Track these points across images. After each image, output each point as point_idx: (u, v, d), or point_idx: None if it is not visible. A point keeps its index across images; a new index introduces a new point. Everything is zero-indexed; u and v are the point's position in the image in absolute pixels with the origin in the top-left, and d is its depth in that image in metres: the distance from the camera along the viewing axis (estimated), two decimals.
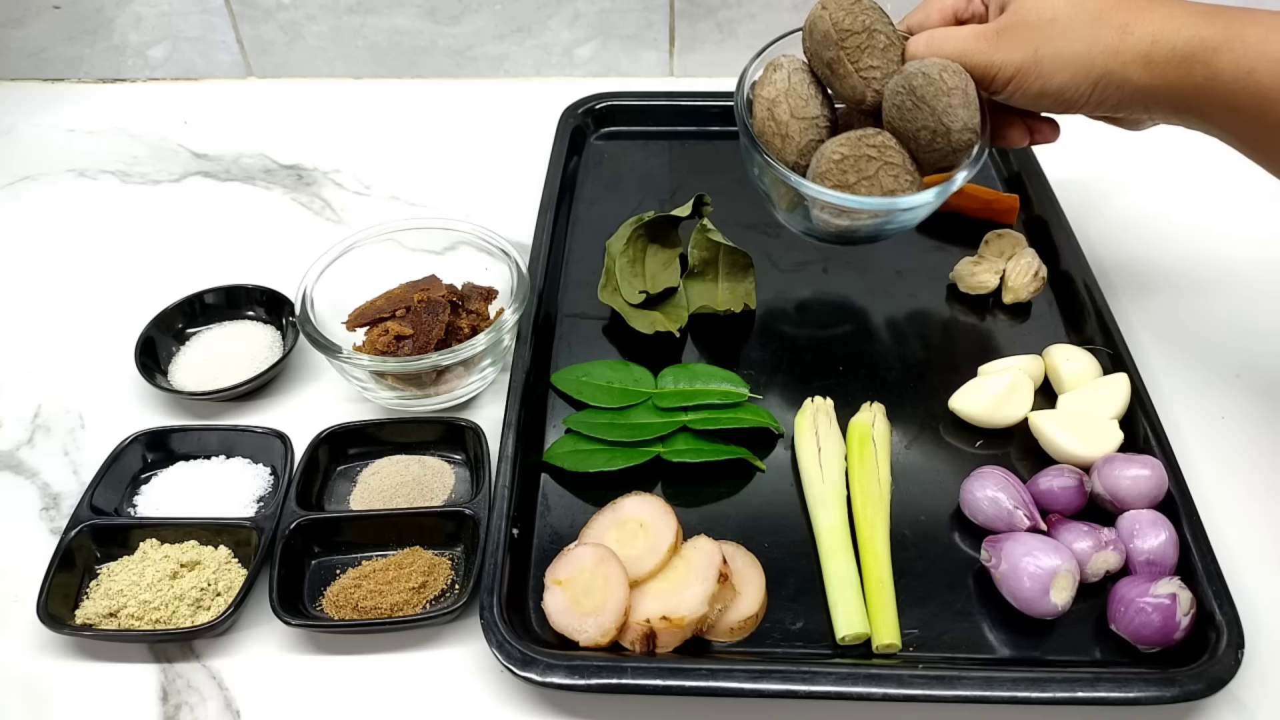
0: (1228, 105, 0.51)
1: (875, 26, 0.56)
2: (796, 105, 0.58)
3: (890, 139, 0.56)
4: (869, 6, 0.57)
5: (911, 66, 0.55)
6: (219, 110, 0.93)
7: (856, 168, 0.56)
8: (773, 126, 0.59)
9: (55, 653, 0.51)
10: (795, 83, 0.58)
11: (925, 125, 0.55)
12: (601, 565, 0.50)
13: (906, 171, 0.57)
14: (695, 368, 0.63)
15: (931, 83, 0.54)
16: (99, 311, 0.71)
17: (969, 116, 0.55)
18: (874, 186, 0.56)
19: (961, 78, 0.55)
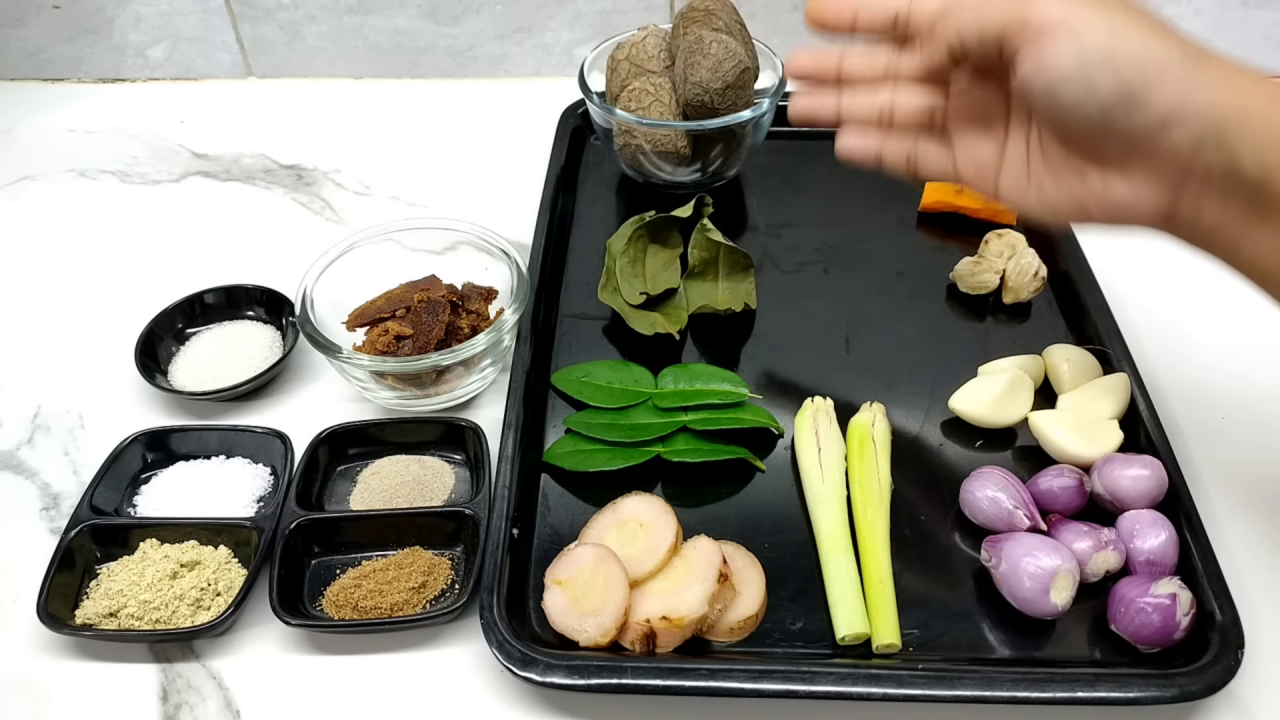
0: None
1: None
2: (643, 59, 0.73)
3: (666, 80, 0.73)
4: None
5: (706, 34, 0.70)
6: (219, 110, 0.93)
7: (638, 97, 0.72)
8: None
9: (55, 653, 0.51)
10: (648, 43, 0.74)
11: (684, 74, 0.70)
12: (601, 565, 0.50)
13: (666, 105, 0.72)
14: (695, 368, 0.63)
15: (700, 43, 0.69)
16: (99, 311, 0.71)
17: (708, 78, 0.68)
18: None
19: (728, 49, 0.68)
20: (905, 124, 0.52)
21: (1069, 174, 0.46)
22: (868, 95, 0.53)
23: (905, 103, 0.52)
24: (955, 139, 0.51)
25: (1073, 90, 0.42)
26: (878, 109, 0.52)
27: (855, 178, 0.80)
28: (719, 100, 0.70)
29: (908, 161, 0.53)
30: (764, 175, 0.81)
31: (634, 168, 0.76)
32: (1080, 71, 0.42)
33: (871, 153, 0.53)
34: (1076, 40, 0.42)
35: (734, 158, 0.76)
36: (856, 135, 0.53)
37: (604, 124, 0.75)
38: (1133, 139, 0.43)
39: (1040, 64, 0.43)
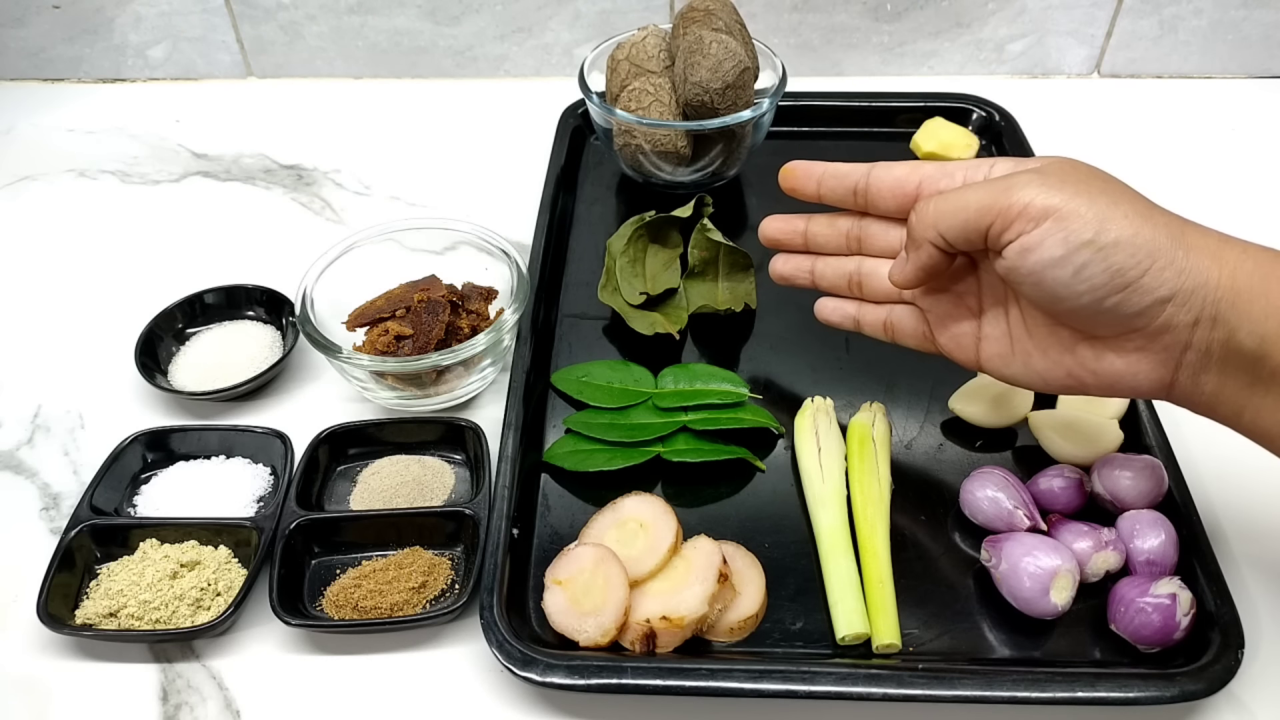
0: None
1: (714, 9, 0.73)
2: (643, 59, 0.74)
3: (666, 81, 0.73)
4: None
5: (706, 34, 0.70)
6: (219, 110, 0.93)
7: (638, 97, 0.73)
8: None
9: (55, 653, 0.51)
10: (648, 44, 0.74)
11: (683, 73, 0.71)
12: (601, 565, 0.50)
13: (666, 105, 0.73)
14: (695, 368, 0.63)
15: (700, 43, 0.69)
16: (99, 311, 0.71)
17: (708, 78, 0.69)
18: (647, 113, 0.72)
19: (728, 49, 0.68)
20: (878, 296, 0.54)
21: (1057, 349, 0.46)
22: (837, 265, 0.55)
23: (875, 279, 0.54)
24: (928, 311, 0.52)
25: (1060, 276, 0.42)
26: (846, 276, 0.55)
27: None
28: (719, 100, 0.70)
29: (885, 328, 0.54)
30: (764, 175, 0.80)
31: (634, 168, 0.76)
32: (1069, 258, 0.41)
33: (849, 319, 0.56)
34: (1063, 228, 0.41)
35: (734, 158, 0.76)
36: (833, 302, 0.56)
37: (604, 124, 0.75)
38: (1126, 320, 0.42)
39: (1026, 251, 0.42)
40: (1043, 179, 0.42)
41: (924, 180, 0.50)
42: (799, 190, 0.55)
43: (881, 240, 0.53)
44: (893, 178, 0.51)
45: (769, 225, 0.57)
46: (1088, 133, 0.88)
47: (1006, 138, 0.81)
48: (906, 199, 0.50)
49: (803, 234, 0.56)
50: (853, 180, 0.52)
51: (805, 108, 0.84)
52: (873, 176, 0.51)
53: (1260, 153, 0.85)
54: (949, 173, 0.49)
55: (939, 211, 0.45)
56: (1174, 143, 0.86)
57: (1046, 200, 0.41)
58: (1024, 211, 0.42)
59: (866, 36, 0.92)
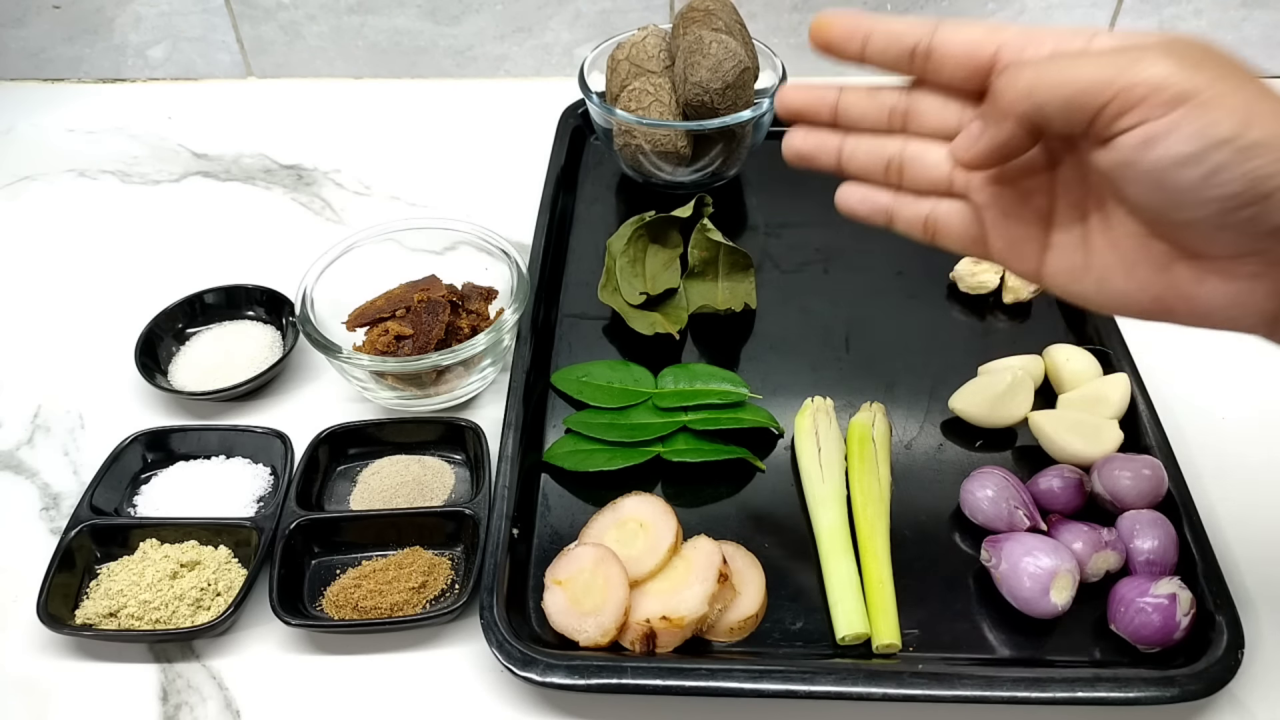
0: None
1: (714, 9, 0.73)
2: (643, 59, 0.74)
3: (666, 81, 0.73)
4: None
5: (706, 34, 0.70)
6: (219, 110, 0.93)
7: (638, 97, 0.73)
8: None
9: (55, 653, 0.51)
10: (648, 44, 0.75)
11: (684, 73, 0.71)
12: (601, 565, 0.50)
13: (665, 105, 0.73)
14: (695, 368, 0.63)
15: (700, 43, 0.69)
16: (99, 311, 0.71)
17: (708, 78, 0.68)
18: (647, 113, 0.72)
19: (728, 49, 0.68)
20: (921, 185, 0.44)
21: (1148, 267, 0.38)
22: (873, 145, 0.45)
23: (921, 164, 0.44)
24: (984, 207, 0.42)
25: (1188, 178, 0.34)
26: (885, 160, 0.45)
27: None
28: (719, 100, 0.70)
29: (925, 226, 0.44)
30: (764, 175, 0.81)
31: (634, 168, 0.76)
32: (1203, 156, 0.34)
33: (880, 211, 0.45)
34: (1203, 117, 0.33)
35: (734, 158, 0.76)
36: (861, 190, 0.46)
37: (604, 124, 0.75)
38: (1251, 238, 0.35)
39: (1150, 142, 0.34)
40: (1176, 57, 0.34)
41: (1003, 46, 0.40)
42: (836, 48, 0.43)
43: (936, 118, 0.43)
44: (964, 40, 0.41)
45: (789, 92, 0.45)
46: None
47: None
48: (979, 68, 0.41)
49: (832, 106, 0.45)
50: (911, 40, 0.42)
51: None
52: (939, 37, 0.41)
53: None
54: (1036, 39, 0.40)
55: (1039, 79, 0.36)
56: None
57: (1182, 81, 0.33)
58: (1153, 92, 0.34)
59: None
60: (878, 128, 0.45)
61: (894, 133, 0.44)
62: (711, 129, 0.71)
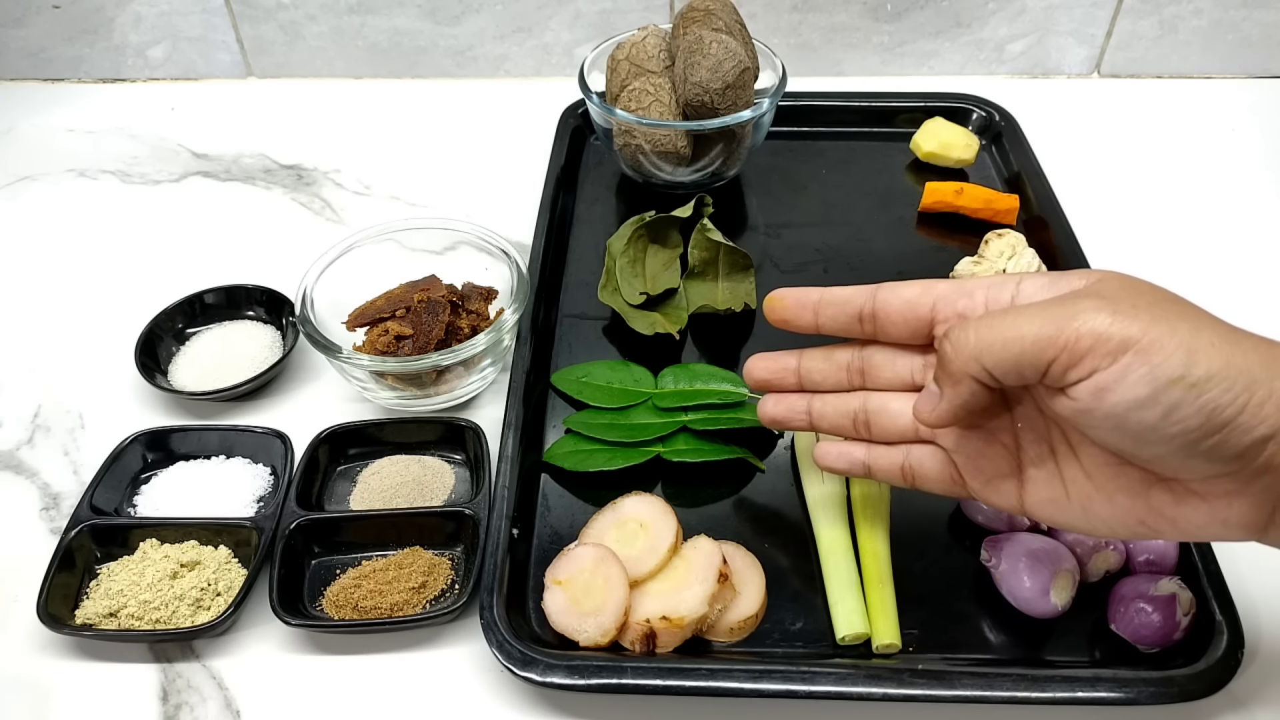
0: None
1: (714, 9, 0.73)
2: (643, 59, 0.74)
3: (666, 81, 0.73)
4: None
5: (706, 34, 0.70)
6: (219, 110, 0.93)
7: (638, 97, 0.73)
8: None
9: (55, 653, 0.51)
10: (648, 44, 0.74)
11: (684, 73, 0.71)
12: (601, 565, 0.50)
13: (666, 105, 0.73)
14: (695, 368, 0.63)
15: (700, 43, 0.69)
16: (99, 311, 0.71)
17: (708, 78, 0.69)
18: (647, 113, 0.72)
19: (728, 49, 0.68)
20: (891, 436, 0.47)
21: (1125, 494, 0.39)
22: (837, 403, 0.48)
23: (885, 416, 0.46)
24: (953, 451, 0.44)
25: (1147, 419, 0.35)
26: (850, 415, 0.47)
27: (855, 178, 0.80)
28: (719, 100, 0.70)
29: (903, 474, 0.46)
30: (764, 175, 0.81)
31: (634, 168, 0.76)
32: (1157, 397, 0.34)
33: (858, 465, 0.48)
34: (1146, 362, 0.34)
35: (734, 158, 0.76)
36: (836, 447, 0.48)
37: (604, 124, 0.75)
38: (1220, 463, 0.36)
39: (1104, 391, 0.35)
40: (1110, 303, 0.36)
41: (938, 301, 0.44)
42: (792, 323, 0.47)
43: (888, 371, 0.46)
44: (902, 300, 0.44)
45: (755, 367, 0.50)
46: (1088, 133, 0.88)
47: (1006, 138, 0.81)
48: (920, 323, 0.44)
49: (794, 371, 0.49)
50: (856, 305, 0.45)
51: (805, 108, 0.84)
52: (879, 300, 0.45)
53: (1260, 153, 0.85)
54: (967, 292, 0.43)
55: (983, 341, 0.38)
56: (1174, 143, 0.86)
57: (1123, 329, 0.35)
58: (1098, 342, 0.35)
59: (866, 36, 0.92)
60: (839, 386, 0.48)
61: (855, 389, 0.48)
62: (711, 129, 0.71)
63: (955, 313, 0.43)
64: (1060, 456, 0.41)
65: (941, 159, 0.79)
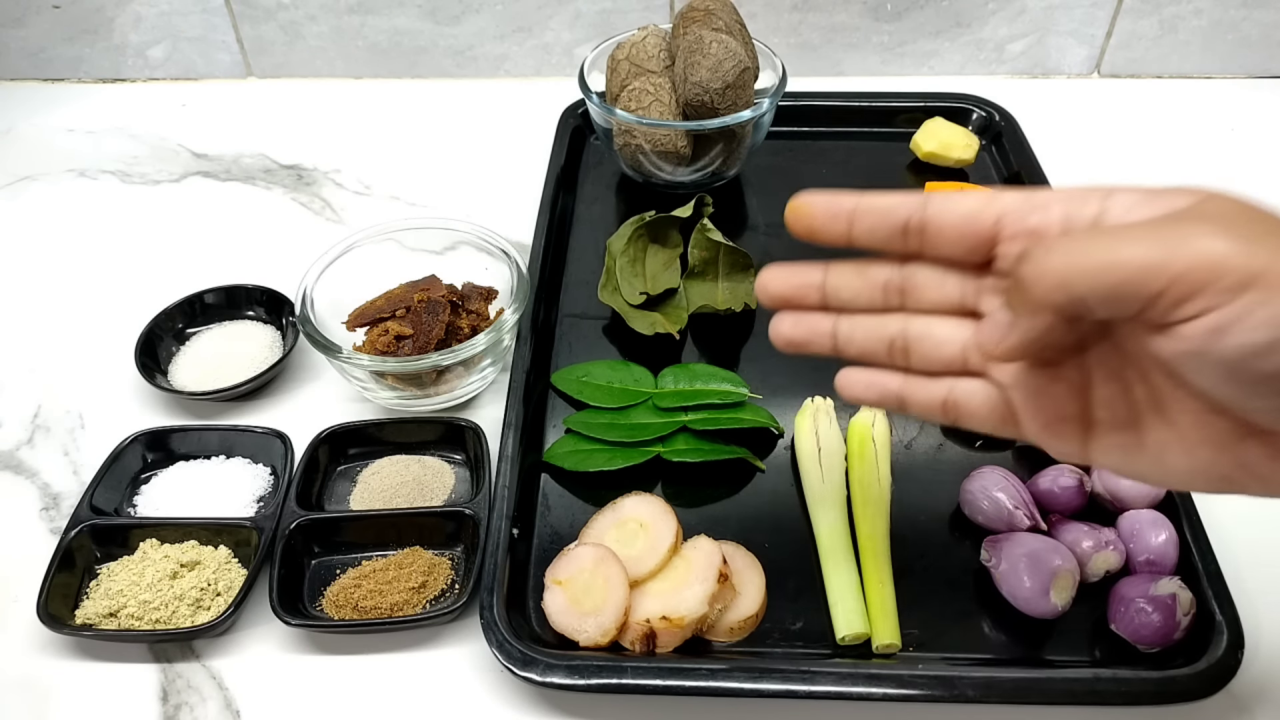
0: None
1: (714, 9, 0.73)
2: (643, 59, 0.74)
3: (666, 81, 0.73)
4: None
5: (706, 34, 0.70)
6: (219, 110, 0.93)
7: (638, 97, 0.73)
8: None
9: (55, 653, 0.51)
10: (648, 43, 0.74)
11: (684, 73, 0.71)
12: (601, 565, 0.50)
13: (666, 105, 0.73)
14: (695, 368, 0.63)
15: (700, 43, 0.69)
16: (99, 311, 0.71)
17: (708, 78, 0.69)
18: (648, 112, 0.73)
19: (728, 49, 0.68)
20: (933, 366, 0.39)
21: (1210, 445, 0.34)
22: (871, 325, 0.40)
23: (929, 343, 0.39)
24: (1009, 386, 0.37)
25: (1266, 367, 0.30)
26: (887, 341, 0.40)
27: (855, 178, 0.80)
28: (719, 100, 0.70)
29: (944, 409, 0.39)
30: (764, 175, 0.81)
31: (634, 168, 0.76)
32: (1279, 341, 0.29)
33: (891, 397, 0.40)
34: (1272, 301, 0.29)
35: (734, 158, 0.76)
36: (865, 375, 0.41)
37: (604, 124, 0.75)
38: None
39: (1220, 332, 0.30)
40: (1228, 228, 0.30)
41: (1005, 215, 0.36)
42: (819, 232, 0.39)
43: (936, 292, 0.39)
44: (961, 212, 0.37)
45: (769, 278, 0.41)
46: (1088, 133, 0.88)
47: (1006, 138, 0.81)
48: (980, 240, 0.37)
49: (819, 287, 0.41)
50: (902, 215, 0.38)
51: (805, 108, 0.84)
52: (931, 210, 0.37)
53: (1260, 153, 0.85)
54: (1040, 205, 0.36)
55: (1073, 264, 0.31)
56: (1174, 143, 0.86)
57: (1246, 260, 0.29)
58: (1214, 276, 0.29)
59: (866, 36, 0.92)
60: (873, 306, 0.40)
61: (891, 310, 0.40)
62: (711, 129, 0.71)
63: (1026, 229, 0.36)
64: (1139, 399, 0.35)
65: (941, 159, 0.79)
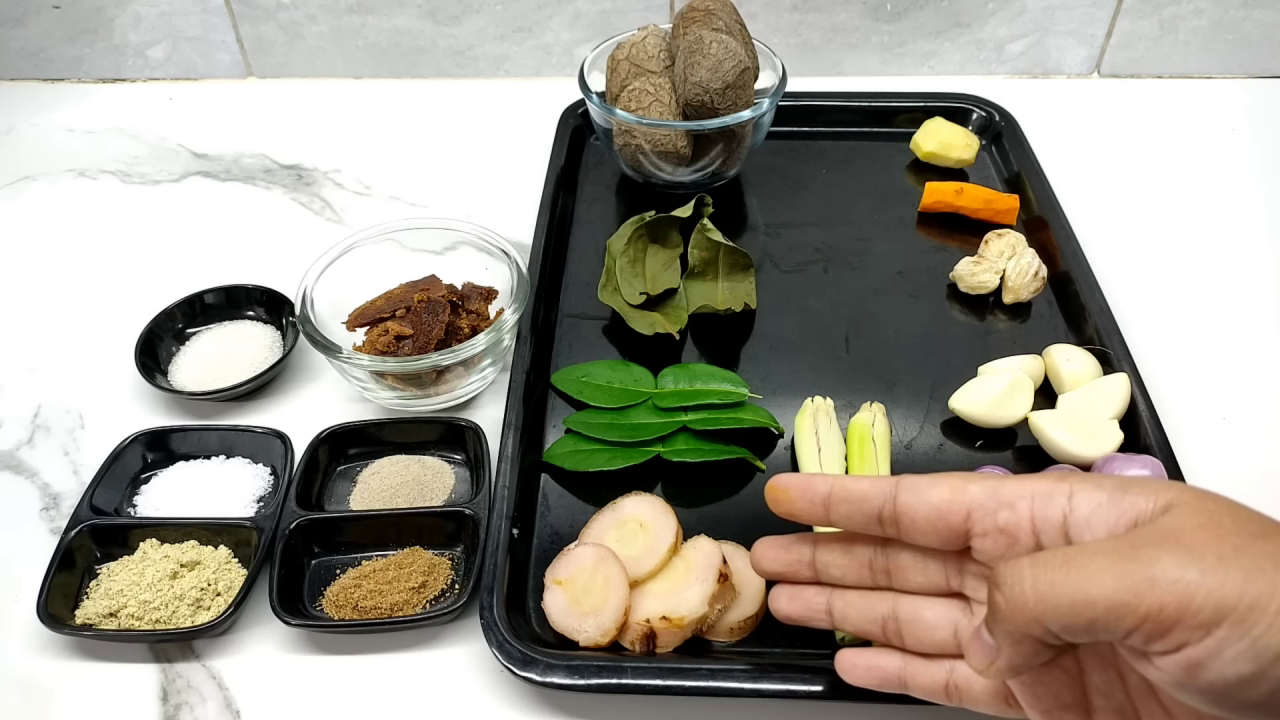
0: None
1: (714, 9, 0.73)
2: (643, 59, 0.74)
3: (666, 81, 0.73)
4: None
5: (706, 34, 0.70)
6: (219, 110, 0.93)
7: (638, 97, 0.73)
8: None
9: (55, 653, 0.51)
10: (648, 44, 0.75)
11: (684, 73, 0.71)
12: (601, 565, 0.50)
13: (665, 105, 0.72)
14: (695, 368, 0.63)
15: (700, 43, 0.69)
16: (99, 311, 0.71)
17: (708, 78, 0.68)
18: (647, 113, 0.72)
19: (728, 49, 0.68)
20: (928, 648, 0.40)
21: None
22: (863, 604, 0.42)
23: (920, 626, 0.40)
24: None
25: (1251, 695, 0.30)
26: (880, 620, 0.41)
27: (855, 178, 0.80)
28: (719, 100, 0.70)
29: (947, 693, 0.40)
30: (764, 175, 0.81)
31: (634, 168, 0.76)
32: (1262, 675, 0.29)
33: (892, 680, 0.41)
34: (1245, 634, 0.29)
35: (734, 158, 0.76)
36: (865, 658, 0.42)
37: (604, 124, 0.75)
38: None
39: (1197, 668, 0.30)
40: (1193, 553, 0.30)
41: (974, 511, 0.37)
42: (799, 518, 0.41)
43: (918, 575, 0.41)
44: (929, 507, 0.38)
45: (764, 557, 0.44)
46: (1088, 133, 0.88)
47: (1006, 138, 0.81)
48: (953, 533, 0.38)
49: (809, 564, 0.43)
50: (874, 505, 0.39)
51: (805, 108, 0.84)
52: (901, 501, 0.38)
53: (1260, 153, 0.85)
54: (1007, 502, 0.36)
55: (1044, 602, 0.32)
56: (1174, 143, 0.86)
57: (1214, 594, 0.29)
58: (1184, 614, 0.29)
59: (866, 36, 0.92)
60: (862, 583, 0.42)
61: (880, 588, 0.42)
62: (711, 129, 0.71)
63: (996, 527, 0.37)
64: (1134, 692, 0.35)
65: (941, 159, 0.79)
